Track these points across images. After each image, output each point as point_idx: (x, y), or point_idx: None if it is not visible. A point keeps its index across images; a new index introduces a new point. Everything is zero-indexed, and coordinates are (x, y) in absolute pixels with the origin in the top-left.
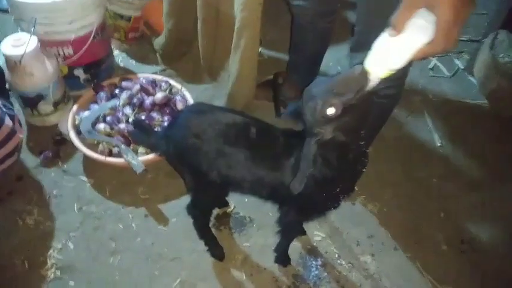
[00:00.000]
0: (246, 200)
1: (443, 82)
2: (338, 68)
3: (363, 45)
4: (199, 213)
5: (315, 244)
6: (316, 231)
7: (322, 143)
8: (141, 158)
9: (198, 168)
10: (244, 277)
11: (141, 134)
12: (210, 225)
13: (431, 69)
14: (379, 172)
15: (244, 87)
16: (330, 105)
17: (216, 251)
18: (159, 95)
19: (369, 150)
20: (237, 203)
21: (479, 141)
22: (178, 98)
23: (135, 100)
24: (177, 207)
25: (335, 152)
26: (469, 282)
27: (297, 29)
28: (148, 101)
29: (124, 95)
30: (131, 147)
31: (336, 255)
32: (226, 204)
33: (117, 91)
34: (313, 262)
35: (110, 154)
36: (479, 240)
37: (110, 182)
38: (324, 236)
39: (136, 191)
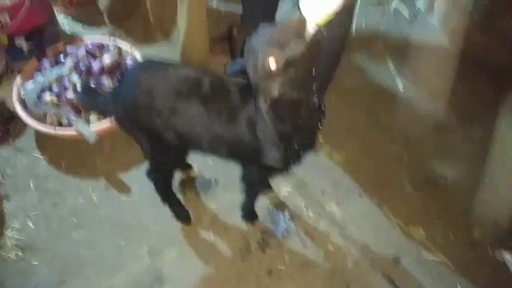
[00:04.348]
0: (210, 161)
1: (404, 25)
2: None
3: None
4: (159, 177)
5: (281, 198)
6: (282, 186)
7: (271, 101)
8: (94, 126)
9: (152, 128)
10: (212, 237)
11: (89, 99)
12: (174, 190)
13: (393, 12)
14: (343, 121)
15: (196, 41)
16: (270, 57)
17: (182, 215)
18: (107, 59)
19: (329, 99)
20: (201, 165)
21: (443, 83)
22: (128, 59)
23: (81, 65)
24: (139, 175)
25: (287, 109)
26: (436, 219)
27: None
28: (95, 65)
29: (69, 61)
30: (82, 116)
31: (303, 207)
32: (189, 166)
33: (61, 57)
34: (281, 216)
35: (60, 125)
36: (443, 179)
37: (66, 155)
38: (290, 189)
39: (95, 162)
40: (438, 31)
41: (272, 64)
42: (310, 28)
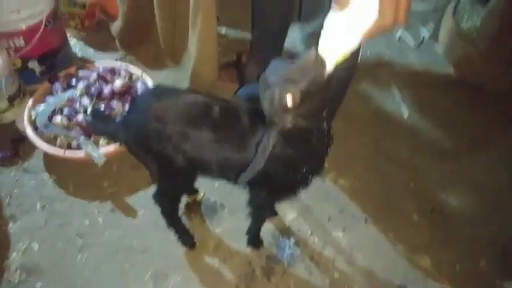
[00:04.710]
0: (216, 185)
1: (409, 53)
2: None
3: (309, 16)
4: (166, 201)
5: (287, 223)
6: (288, 211)
7: (283, 131)
8: (103, 149)
9: (162, 153)
10: (217, 263)
11: (99, 124)
12: (180, 214)
13: (398, 40)
14: (349, 147)
15: (206, 68)
16: (288, 94)
17: (187, 239)
18: (118, 83)
19: (336, 126)
20: (207, 189)
21: (448, 110)
22: (139, 84)
23: (92, 89)
24: (145, 199)
25: (298, 137)
26: (441, 249)
27: (257, 6)
28: (106, 89)
29: (81, 85)
30: (92, 139)
31: (309, 233)
32: (195, 191)
33: (73, 81)
34: (286, 241)
35: (69, 148)
36: (449, 208)
37: (73, 177)
38: (296, 214)
39: (102, 184)
40: (443, 59)
41: (289, 101)
42: (329, 68)
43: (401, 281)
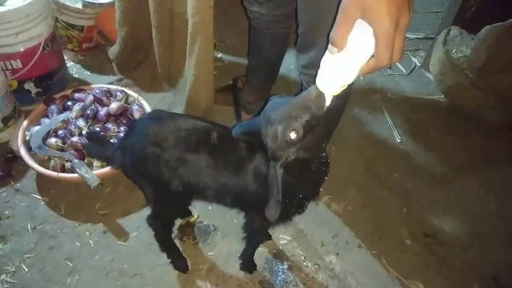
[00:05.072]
0: (210, 208)
1: (401, 80)
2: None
3: (307, 46)
4: (160, 225)
5: (280, 248)
6: (281, 235)
7: (287, 163)
8: (97, 171)
9: (158, 178)
10: (209, 287)
11: (95, 147)
12: (172, 236)
13: (389, 68)
14: (342, 172)
15: (202, 92)
16: (292, 131)
17: (179, 263)
18: (114, 105)
19: (329, 150)
20: (201, 211)
21: (439, 136)
22: (135, 107)
23: (88, 111)
24: (137, 221)
25: (297, 166)
26: (434, 274)
27: (254, 34)
28: (102, 111)
29: (76, 107)
30: (85, 161)
31: (302, 258)
32: (189, 213)
33: (69, 103)
34: (280, 266)
35: (63, 169)
36: (442, 233)
37: (65, 198)
38: (289, 239)
39: (94, 206)
40: (433, 87)
41: (293, 136)
42: (328, 100)
43: None
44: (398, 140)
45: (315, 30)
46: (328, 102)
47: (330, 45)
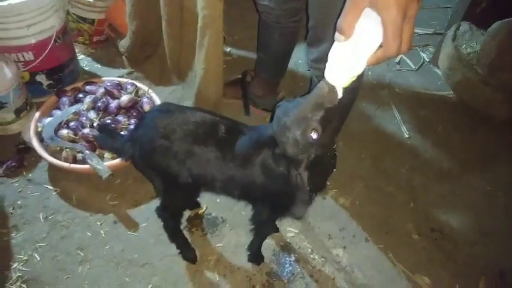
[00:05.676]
0: (218, 200)
1: (409, 75)
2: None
3: (317, 40)
4: (169, 216)
5: (288, 240)
6: (289, 228)
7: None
8: (107, 162)
9: (167, 170)
10: (217, 278)
11: (106, 139)
12: (181, 228)
13: (398, 63)
14: (350, 166)
15: (211, 86)
16: (312, 131)
17: (188, 254)
18: (125, 98)
19: (337, 145)
20: (209, 203)
21: (447, 132)
22: (145, 100)
23: (99, 104)
24: (147, 212)
25: (311, 162)
26: (440, 269)
27: (263, 28)
28: (113, 104)
29: (88, 99)
30: (97, 152)
31: (309, 250)
32: (198, 205)
33: (80, 95)
34: (287, 258)
35: (75, 160)
36: (449, 228)
37: (77, 189)
38: (296, 231)
39: (105, 197)
40: (442, 82)
41: (315, 136)
42: (339, 93)
43: None
44: (406, 135)
45: (325, 24)
46: (340, 95)
47: (337, 33)
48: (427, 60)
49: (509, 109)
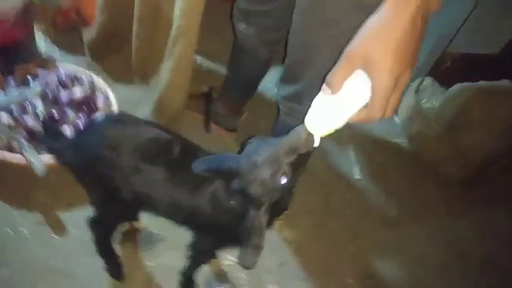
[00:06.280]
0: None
1: None
2: (275, 90)
3: (291, 79)
4: (102, 230)
5: (224, 269)
6: (228, 255)
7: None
8: (46, 158)
9: (108, 182)
10: None
11: (47, 137)
12: (113, 240)
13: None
14: (299, 200)
15: (175, 96)
16: (282, 175)
17: (115, 271)
18: (78, 91)
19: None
20: (150, 218)
21: (398, 180)
22: (99, 96)
23: (48, 92)
24: (78, 217)
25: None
26: None
27: (237, 52)
28: (64, 95)
29: (36, 84)
30: (35, 146)
31: (244, 282)
32: (136, 218)
33: (30, 80)
34: None
35: (10, 149)
36: (383, 278)
37: (4, 179)
38: (235, 260)
39: (34, 194)
40: (400, 132)
41: (284, 181)
42: (316, 142)
43: None
44: (358, 177)
45: (302, 65)
46: (317, 143)
47: (324, 85)
48: None
49: (460, 169)
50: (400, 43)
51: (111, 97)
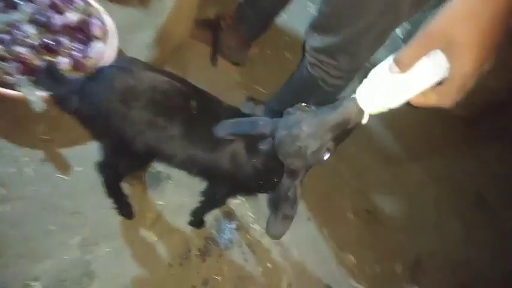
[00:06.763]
0: None
1: None
2: (292, 24)
3: (327, 29)
4: (112, 174)
5: (232, 207)
6: None
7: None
8: (44, 92)
9: (119, 134)
10: (153, 238)
11: (48, 80)
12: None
13: None
14: None
15: (179, 24)
16: (326, 151)
17: (125, 210)
18: (73, 16)
19: None
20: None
21: (402, 120)
22: (94, 21)
23: (40, 17)
24: (84, 155)
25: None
26: (366, 249)
27: None
28: (57, 20)
29: (27, 8)
30: (31, 79)
31: (251, 220)
32: (148, 167)
33: (18, 1)
34: (228, 225)
35: (3, 84)
36: (382, 212)
37: (2, 116)
38: (243, 199)
39: (35, 128)
40: None
41: (327, 157)
42: (366, 118)
43: (329, 280)
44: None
45: (345, 15)
46: (365, 120)
47: (392, 63)
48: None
49: (464, 109)
50: (488, 32)
51: (107, 22)
